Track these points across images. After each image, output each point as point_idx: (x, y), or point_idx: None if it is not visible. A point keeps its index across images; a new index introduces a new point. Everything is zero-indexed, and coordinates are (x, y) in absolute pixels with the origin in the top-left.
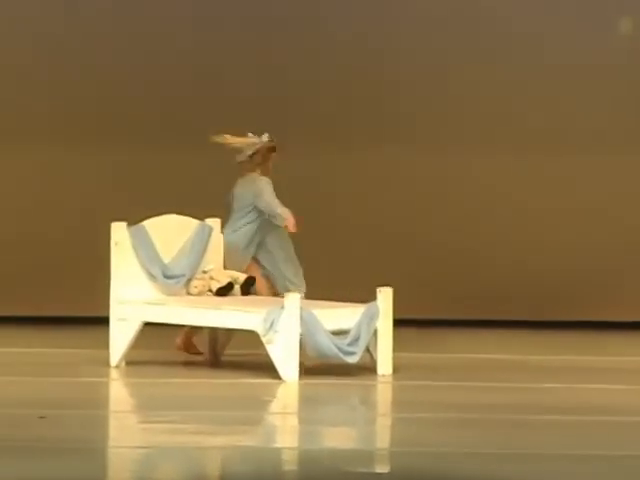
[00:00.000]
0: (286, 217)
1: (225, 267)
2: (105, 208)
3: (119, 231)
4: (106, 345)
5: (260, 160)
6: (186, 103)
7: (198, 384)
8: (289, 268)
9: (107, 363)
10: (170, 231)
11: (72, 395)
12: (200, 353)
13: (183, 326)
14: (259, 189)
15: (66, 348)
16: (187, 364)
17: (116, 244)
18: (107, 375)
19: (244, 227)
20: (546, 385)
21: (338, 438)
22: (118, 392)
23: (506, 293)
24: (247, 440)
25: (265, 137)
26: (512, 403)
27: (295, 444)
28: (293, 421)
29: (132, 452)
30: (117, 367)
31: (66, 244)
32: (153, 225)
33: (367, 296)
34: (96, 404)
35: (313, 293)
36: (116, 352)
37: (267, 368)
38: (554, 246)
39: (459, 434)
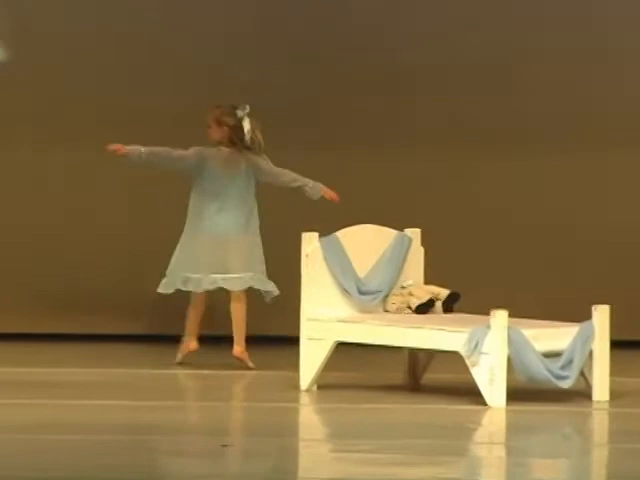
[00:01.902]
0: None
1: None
2: (294, 217)
3: (310, 242)
4: (296, 367)
5: None
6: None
7: (395, 410)
8: None
9: (297, 386)
10: (365, 242)
11: (259, 421)
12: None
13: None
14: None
15: (253, 370)
16: (384, 388)
17: (307, 256)
18: (297, 399)
19: None
20: None
21: (550, 471)
22: (308, 418)
23: None
24: (449, 472)
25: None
26: None
27: (502, 478)
28: (500, 452)
29: None
30: (308, 391)
31: None
32: (347, 235)
33: (581, 315)
34: (285, 431)
35: (521, 311)
36: (307, 374)
37: (471, 392)
38: None
39: None
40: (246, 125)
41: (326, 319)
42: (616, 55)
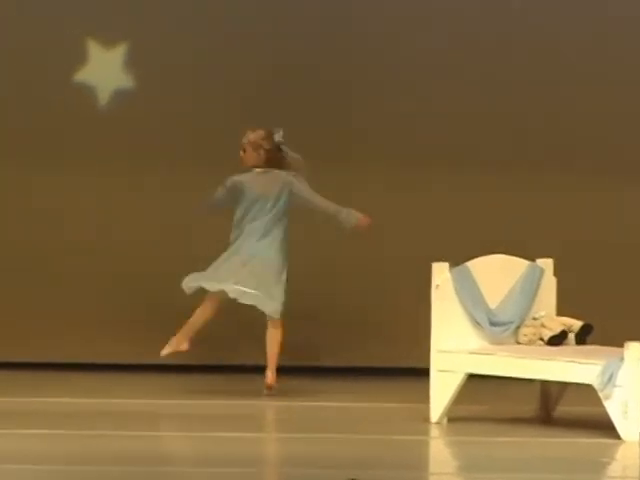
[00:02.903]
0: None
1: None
2: (421, 246)
3: (441, 273)
4: (425, 399)
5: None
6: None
7: (527, 443)
8: None
9: (427, 419)
10: (496, 273)
11: (387, 454)
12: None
13: None
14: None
15: (381, 402)
16: (515, 421)
17: (437, 287)
18: (427, 432)
19: None
20: None
21: None
22: (439, 452)
23: None
24: None
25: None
26: None
27: None
28: None
29: None
30: (438, 423)
31: (379, 286)
32: (477, 266)
33: None
34: (415, 464)
35: None
36: (437, 407)
37: (604, 426)
38: None
39: None
40: (284, 148)
41: (457, 351)
42: None
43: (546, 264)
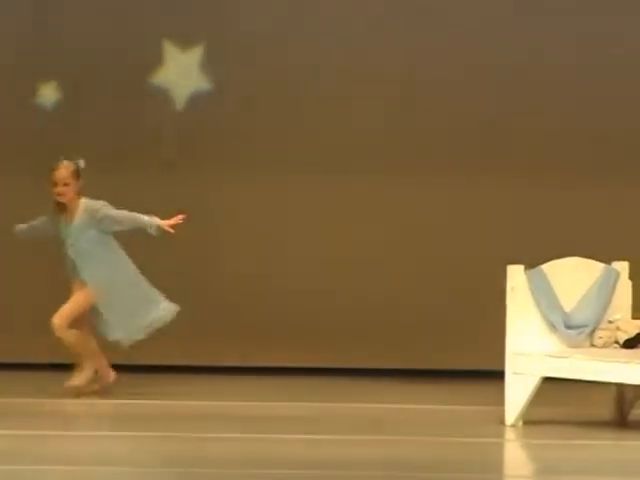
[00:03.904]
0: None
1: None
2: (497, 247)
3: (516, 275)
4: (501, 402)
5: None
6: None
7: (602, 446)
8: None
9: (502, 422)
10: (571, 275)
11: (462, 457)
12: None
13: None
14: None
15: (456, 405)
16: (591, 424)
17: (512, 289)
18: (502, 435)
19: None
20: None
21: None
22: (514, 454)
23: None
24: None
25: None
26: None
27: None
28: None
29: None
30: (513, 426)
31: (454, 289)
32: (553, 268)
33: None
34: (489, 467)
35: None
36: (512, 410)
37: None
38: None
39: None
40: None
41: (532, 353)
42: None
43: (622, 267)
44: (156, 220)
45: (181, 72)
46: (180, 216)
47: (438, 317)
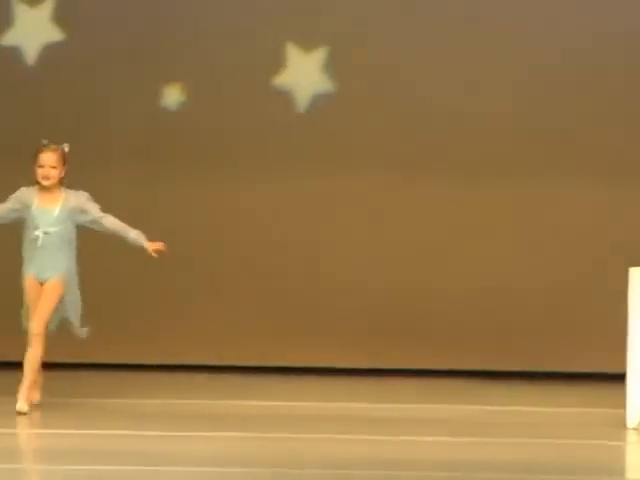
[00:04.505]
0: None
1: None
2: (618, 249)
3: (638, 276)
4: (622, 404)
5: None
6: None
7: None
8: None
9: (623, 424)
10: None
11: (584, 460)
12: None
13: None
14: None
15: (577, 407)
16: None
17: (634, 291)
18: (623, 438)
19: None
20: None
21: None
22: (636, 457)
23: None
24: None
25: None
26: None
27: None
28: None
29: None
30: (635, 429)
31: (572, 289)
32: None
33: None
34: (611, 470)
35: None
36: (634, 412)
37: None
38: None
39: None
40: None
41: None
42: None
43: None
44: (142, 241)
45: (303, 74)
46: (161, 244)
47: (556, 318)
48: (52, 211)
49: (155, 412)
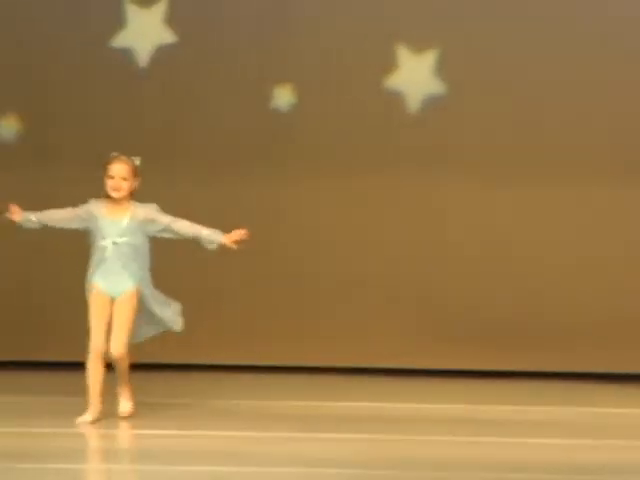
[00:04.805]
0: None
1: None
2: None
3: None
4: None
5: None
6: None
7: None
8: None
9: None
10: None
11: None
12: None
13: None
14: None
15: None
16: None
17: None
18: None
19: None
20: None
21: None
22: None
23: None
24: None
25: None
26: None
27: None
28: None
29: None
30: None
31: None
32: None
33: None
34: None
35: None
36: None
37: None
38: None
39: None
40: None
41: None
42: None
43: None
44: (218, 236)
45: (413, 75)
46: (241, 232)
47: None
48: (120, 221)
49: (283, 414)
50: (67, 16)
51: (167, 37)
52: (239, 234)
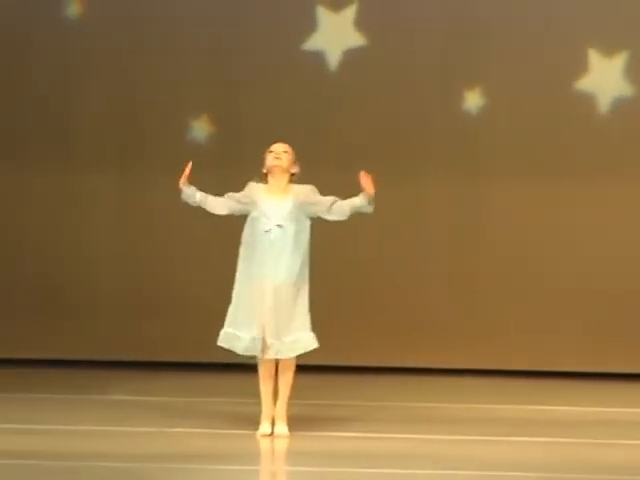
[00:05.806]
0: None
1: None
2: None
3: None
4: None
5: None
6: None
7: None
8: None
9: None
10: None
11: None
12: None
13: None
14: None
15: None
16: None
17: None
18: None
19: None
20: None
21: None
22: None
23: None
24: None
25: None
26: None
27: None
28: None
29: None
30: None
31: None
32: None
33: None
34: None
35: None
36: None
37: None
38: None
39: None
40: None
41: None
42: None
43: None
44: (364, 196)
45: (605, 78)
46: (363, 172)
47: None
48: (283, 204)
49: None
50: (261, 19)
51: (357, 40)
52: (366, 178)
